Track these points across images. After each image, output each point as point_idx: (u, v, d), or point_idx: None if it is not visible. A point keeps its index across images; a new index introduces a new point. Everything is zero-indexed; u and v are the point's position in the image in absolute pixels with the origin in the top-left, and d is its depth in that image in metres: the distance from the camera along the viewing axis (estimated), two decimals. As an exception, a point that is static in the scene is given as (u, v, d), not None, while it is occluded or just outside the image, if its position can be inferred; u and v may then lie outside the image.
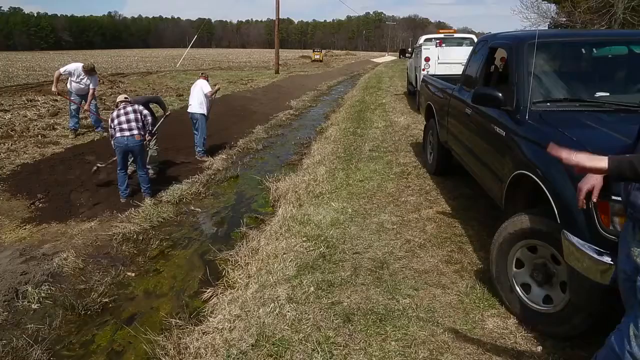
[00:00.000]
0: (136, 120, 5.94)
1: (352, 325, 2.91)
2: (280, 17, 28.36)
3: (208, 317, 3.42)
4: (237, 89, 17.97)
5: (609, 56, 3.85)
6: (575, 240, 2.35)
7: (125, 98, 6.33)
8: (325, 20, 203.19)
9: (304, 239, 4.23)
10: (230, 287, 3.86)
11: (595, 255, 2.24)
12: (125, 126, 5.86)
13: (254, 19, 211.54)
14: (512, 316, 2.97)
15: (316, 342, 2.75)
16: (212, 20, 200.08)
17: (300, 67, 36.62)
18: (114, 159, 6.24)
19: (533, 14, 28.86)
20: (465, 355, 2.63)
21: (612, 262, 2.14)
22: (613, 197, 2.06)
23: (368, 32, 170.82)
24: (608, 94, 3.40)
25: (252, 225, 5.33)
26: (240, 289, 3.68)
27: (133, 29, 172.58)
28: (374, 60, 57.88)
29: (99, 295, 3.92)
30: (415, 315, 3.00)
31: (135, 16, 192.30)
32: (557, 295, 2.74)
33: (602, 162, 1.55)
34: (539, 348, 2.68)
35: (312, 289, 3.35)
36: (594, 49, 3.80)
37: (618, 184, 1.85)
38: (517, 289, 2.96)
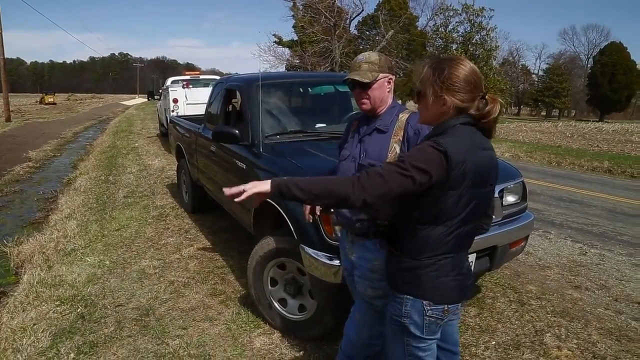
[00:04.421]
0: None
1: (119, 385, 2.72)
2: (6, 56, 24.53)
3: None
4: (-45, 145, 14.65)
5: (322, 94, 4.61)
6: (310, 251, 2.73)
7: None
8: (64, 62, 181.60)
9: (57, 303, 3.75)
10: (-34, 385, 3.13)
11: (327, 261, 2.65)
12: None
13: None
14: (276, 331, 3.21)
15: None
16: None
17: (38, 113, 32.07)
18: None
19: (272, 57, 32.40)
20: (237, 380, 2.74)
21: (340, 264, 2.55)
22: (332, 210, 2.48)
23: (115, 74, 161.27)
24: (325, 124, 4.06)
25: (-9, 302, 4.43)
26: (-21, 384, 3.03)
27: None
28: (124, 103, 54.90)
29: None
30: (186, 353, 2.98)
31: None
32: (308, 303, 3.10)
33: (265, 185, 1.60)
34: (301, 353, 2.98)
35: (72, 355, 3.00)
36: (309, 89, 4.50)
37: None
38: (276, 304, 3.24)
